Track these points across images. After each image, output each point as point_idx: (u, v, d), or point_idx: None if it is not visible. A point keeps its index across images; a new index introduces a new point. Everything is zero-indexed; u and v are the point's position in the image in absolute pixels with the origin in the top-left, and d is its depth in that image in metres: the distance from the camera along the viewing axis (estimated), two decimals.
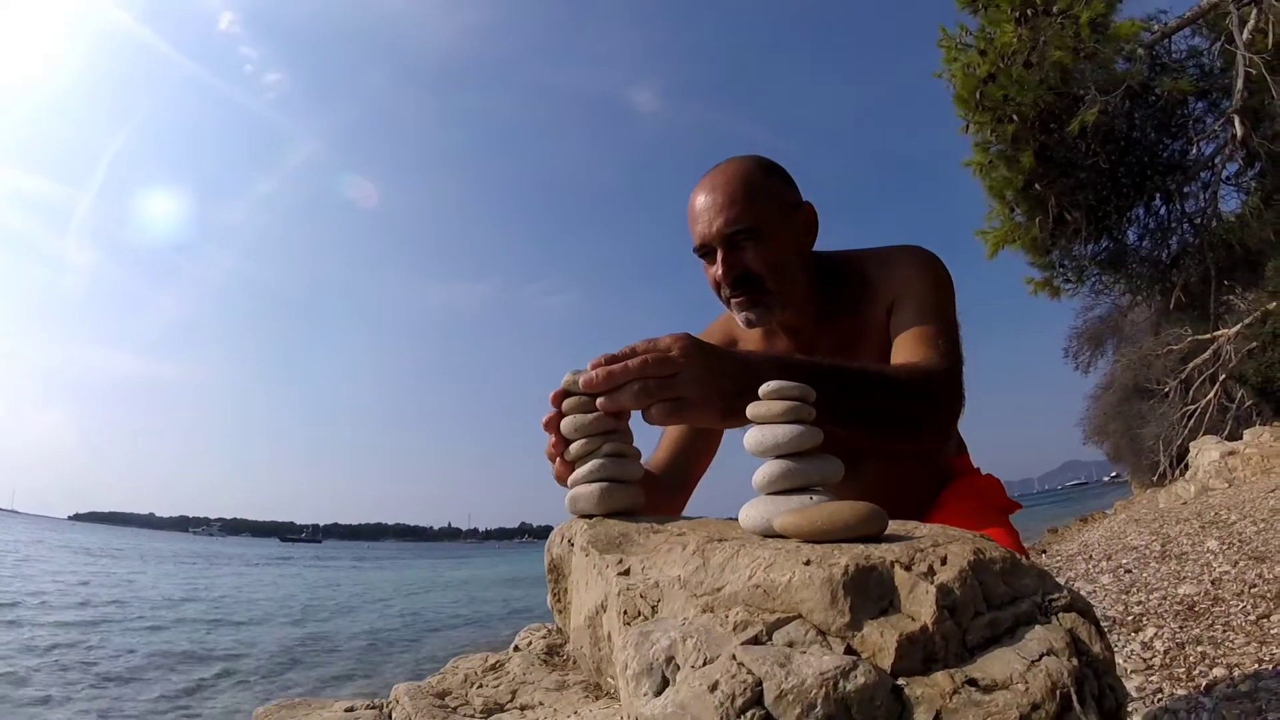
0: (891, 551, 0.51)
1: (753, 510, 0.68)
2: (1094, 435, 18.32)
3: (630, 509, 0.99)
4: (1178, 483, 10.37)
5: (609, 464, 0.99)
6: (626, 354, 0.93)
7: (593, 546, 0.76)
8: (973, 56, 5.14)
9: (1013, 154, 5.22)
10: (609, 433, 1.01)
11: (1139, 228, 6.40)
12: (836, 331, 1.36)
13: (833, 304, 1.37)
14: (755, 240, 1.28)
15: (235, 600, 16.86)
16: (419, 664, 8.16)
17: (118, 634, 9.64)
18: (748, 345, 1.46)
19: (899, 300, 1.29)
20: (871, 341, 1.32)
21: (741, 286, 1.30)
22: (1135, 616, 4.26)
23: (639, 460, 1.05)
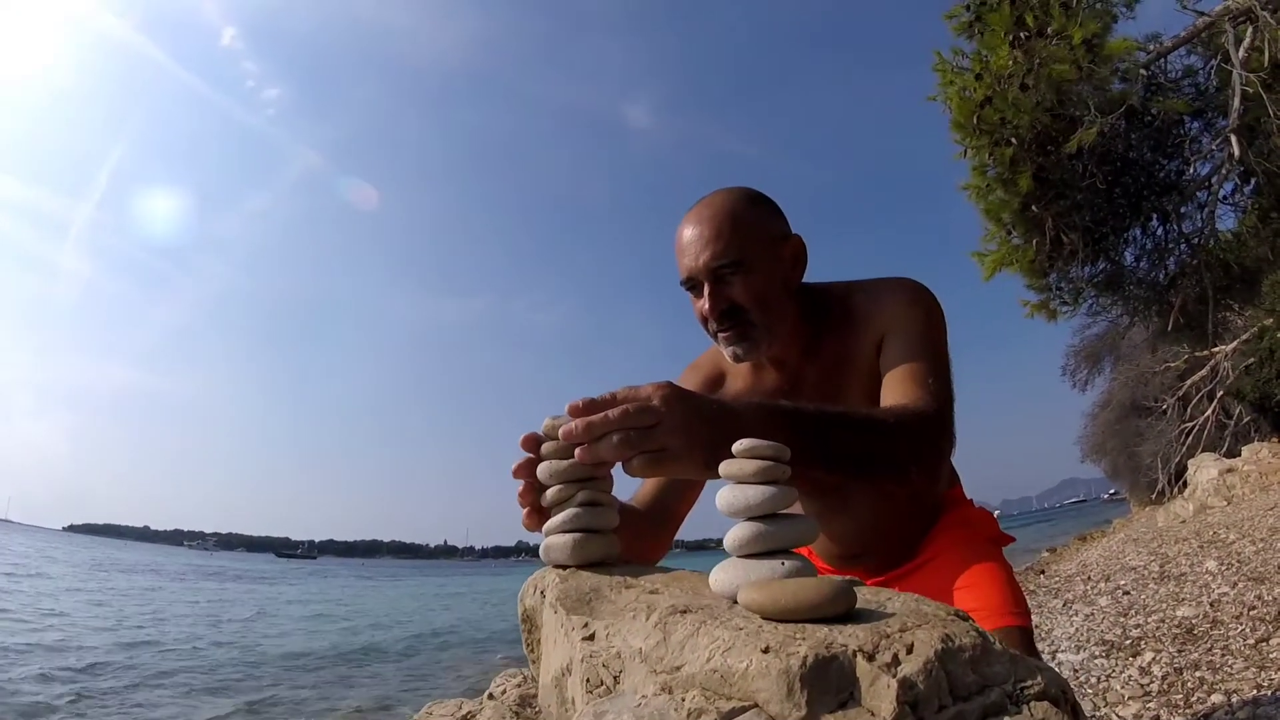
0: (855, 638, 0.50)
1: (723, 574, 0.67)
2: (1092, 453, 18.29)
3: (605, 559, 0.98)
4: (1176, 501, 10.37)
5: (584, 513, 0.98)
6: (607, 401, 0.90)
7: (560, 604, 0.75)
8: (968, 80, 5.15)
9: (1010, 177, 5.21)
10: (586, 480, 1.00)
11: (1136, 248, 6.39)
12: (823, 364, 1.36)
13: (820, 336, 1.37)
14: (741, 273, 1.28)
15: (301, 617, 16.66)
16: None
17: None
18: (735, 379, 1.47)
19: (889, 335, 1.29)
20: (859, 375, 1.31)
21: (728, 320, 1.30)
22: (1133, 640, 4.23)
23: (615, 508, 1.04)
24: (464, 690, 7.08)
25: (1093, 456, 18.49)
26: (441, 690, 7.29)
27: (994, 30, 5.00)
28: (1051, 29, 4.95)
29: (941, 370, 1.23)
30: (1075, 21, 4.91)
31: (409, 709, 6.29)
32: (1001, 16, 4.99)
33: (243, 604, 21.85)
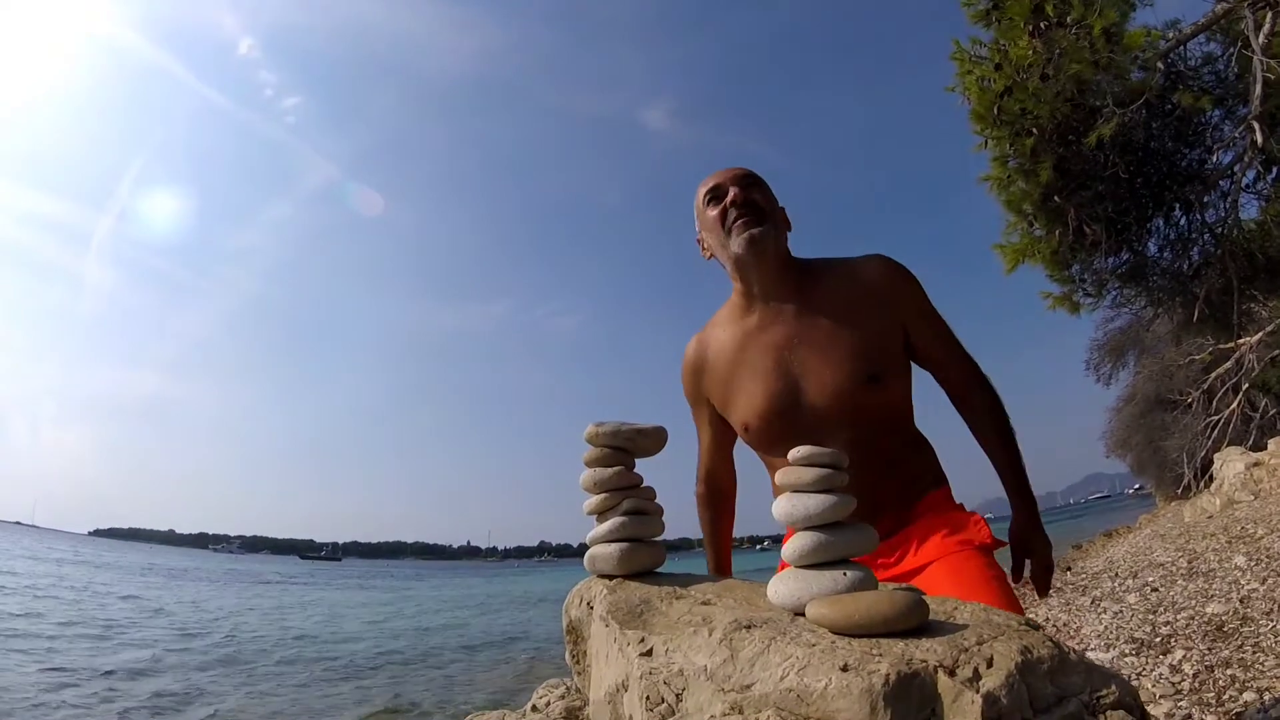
0: (934, 653, 0.48)
1: (783, 586, 0.64)
2: (1117, 448, 18.06)
3: (652, 567, 0.96)
4: (1203, 495, 10.23)
5: (630, 522, 0.97)
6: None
7: (612, 617, 0.73)
8: (987, 70, 5.09)
9: (1031, 168, 5.15)
10: (629, 488, 0.99)
11: (1159, 239, 6.30)
12: (803, 302, 1.56)
13: (802, 282, 1.58)
14: (758, 189, 1.60)
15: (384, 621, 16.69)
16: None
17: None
18: (722, 325, 1.67)
19: (913, 316, 1.56)
20: (836, 315, 1.53)
21: (748, 209, 1.56)
22: (1163, 638, 4.18)
23: (660, 516, 1.02)
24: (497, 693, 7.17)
25: (1117, 451, 18.26)
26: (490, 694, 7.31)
27: (1013, 19, 4.94)
28: (1071, 18, 4.88)
29: (952, 333, 1.62)
30: (1094, 11, 4.84)
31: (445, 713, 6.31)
32: (1020, 5, 4.92)
33: (314, 606, 22.00)
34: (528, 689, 5.66)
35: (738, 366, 1.59)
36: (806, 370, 1.50)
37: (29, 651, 8.71)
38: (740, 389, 1.58)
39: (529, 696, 5.06)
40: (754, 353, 1.57)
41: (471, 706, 5.62)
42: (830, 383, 1.47)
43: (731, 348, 1.61)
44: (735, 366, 1.59)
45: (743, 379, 1.57)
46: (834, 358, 1.48)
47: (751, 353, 1.57)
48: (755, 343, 1.57)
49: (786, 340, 1.53)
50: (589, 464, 1.03)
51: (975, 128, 5.15)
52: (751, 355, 1.57)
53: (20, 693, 6.58)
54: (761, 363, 1.55)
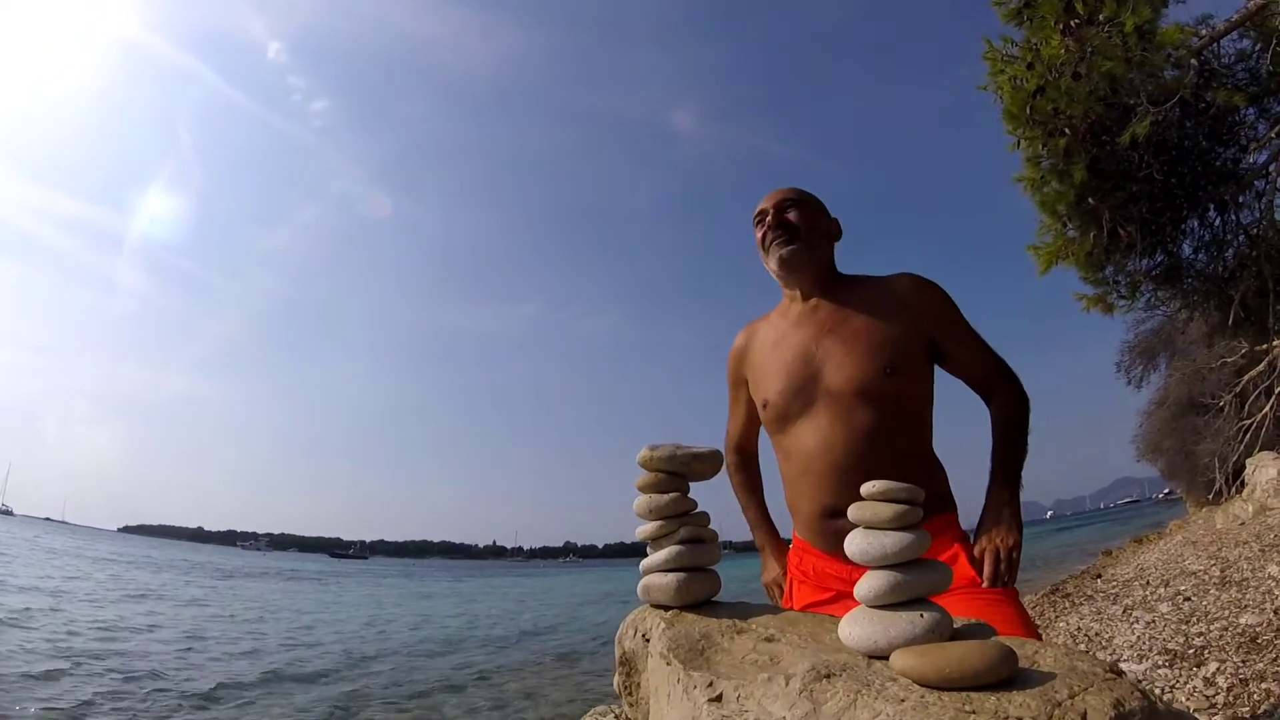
0: (1028, 708, 0.45)
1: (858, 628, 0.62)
2: (1148, 452, 17.76)
3: (708, 597, 0.94)
4: (1235, 502, 10.06)
5: (687, 551, 0.94)
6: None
7: (674, 655, 0.70)
8: (1019, 69, 5.02)
9: (1064, 168, 5.07)
10: (685, 514, 0.96)
11: (1194, 240, 6.19)
12: (839, 303, 1.73)
13: (842, 286, 1.78)
14: (798, 208, 1.79)
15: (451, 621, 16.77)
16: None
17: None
18: (768, 320, 1.89)
19: (942, 326, 1.69)
20: (866, 316, 1.68)
21: (781, 229, 1.78)
22: (1196, 650, 4.11)
23: (717, 543, 1.00)
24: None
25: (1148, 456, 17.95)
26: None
27: (1044, 18, 4.86)
28: (1103, 15, 4.80)
29: (980, 338, 1.73)
30: (1127, 8, 4.75)
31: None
32: (1051, 3, 4.85)
33: (395, 605, 22.40)
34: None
35: (771, 352, 1.79)
36: (829, 357, 1.66)
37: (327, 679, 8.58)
38: (767, 370, 1.78)
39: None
40: (786, 343, 1.76)
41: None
42: (849, 369, 1.62)
43: (770, 337, 1.83)
44: (769, 352, 1.80)
45: (771, 362, 1.77)
46: (855, 349, 1.64)
47: (784, 343, 1.76)
48: (789, 335, 1.76)
49: (816, 333, 1.71)
50: (643, 489, 1.00)
51: (1008, 128, 5.07)
52: (784, 344, 1.76)
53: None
54: (790, 350, 1.73)
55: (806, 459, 1.65)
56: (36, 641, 8.46)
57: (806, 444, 1.65)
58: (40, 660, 7.44)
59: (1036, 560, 3.81)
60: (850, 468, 1.57)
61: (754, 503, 2.03)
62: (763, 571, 1.96)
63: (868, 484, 0.70)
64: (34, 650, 7.88)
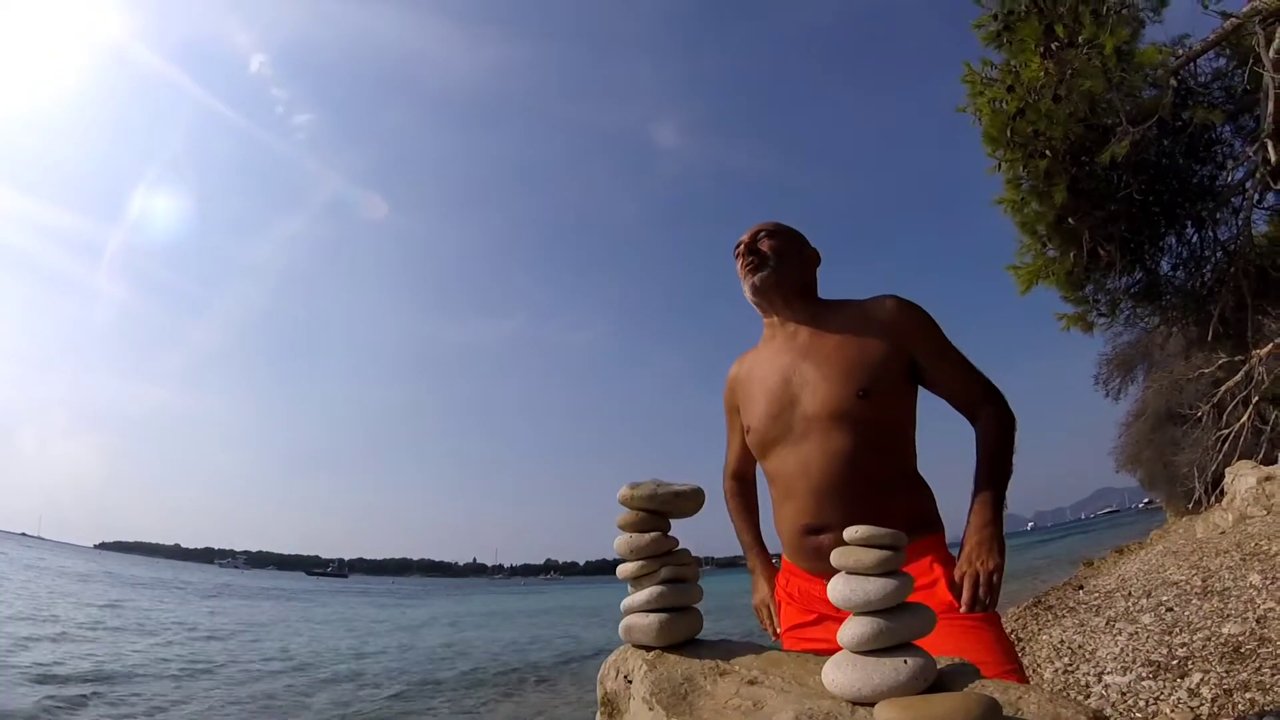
0: None
1: (842, 675, 0.65)
2: (1127, 463, 17.90)
3: (690, 637, 0.96)
4: (1215, 511, 10.18)
5: (669, 592, 0.96)
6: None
7: (656, 700, 0.73)
8: (999, 92, 5.10)
9: (1045, 189, 5.15)
10: (667, 554, 0.98)
11: (1172, 257, 6.28)
12: (819, 328, 1.77)
13: (821, 313, 1.81)
14: (770, 238, 1.85)
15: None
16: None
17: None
18: (756, 351, 1.92)
19: (923, 347, 1.70)
20: (846, 339, 1.71)
21: (751, 255, 1.83)
22: (1180, 660, 4.16)
23: (698, 581, 1.03)
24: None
25: (1128, 466, 18.12)
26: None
27: (1024, 40, 4.94)
28: (1082, 38, 4.89)
29: (964, 358, 1.73)
30: (1106, 29, 4.84)
31: None
32: (1031, 27, 4.93)
33: (383, 623, 22.20)
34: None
35: (755, 380, 1.84)
36: (805, 383, 1.70)
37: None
38: (751, 398, 1.83)
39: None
40: (768, 369, 1.80)
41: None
42: (824, 393, 1.66)
43: (755, 366, 1.87)
44: (753, 381, 1.84)
45: (755, 390, 1.82)
46: (830, 373, 1.67)
47: (766, 369, 1.81)
48: (771, 362, 1.81)
49: (794, 359, 1.76)
50: (624, 527, 1.02)
51: (988, 150, 5.15)
52: (766, 371, 1.81)
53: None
54: (771, 377, 1.78)
55: (787, 482, 1.69)
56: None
57: (786, 468, 1.70)
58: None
59: (1019, 571, 3.85)
60: (826, 490, 1.61)
61: (748, 527, 2.06)
62: (753, 593, 1.99)
63: (850, 529, 0.72)
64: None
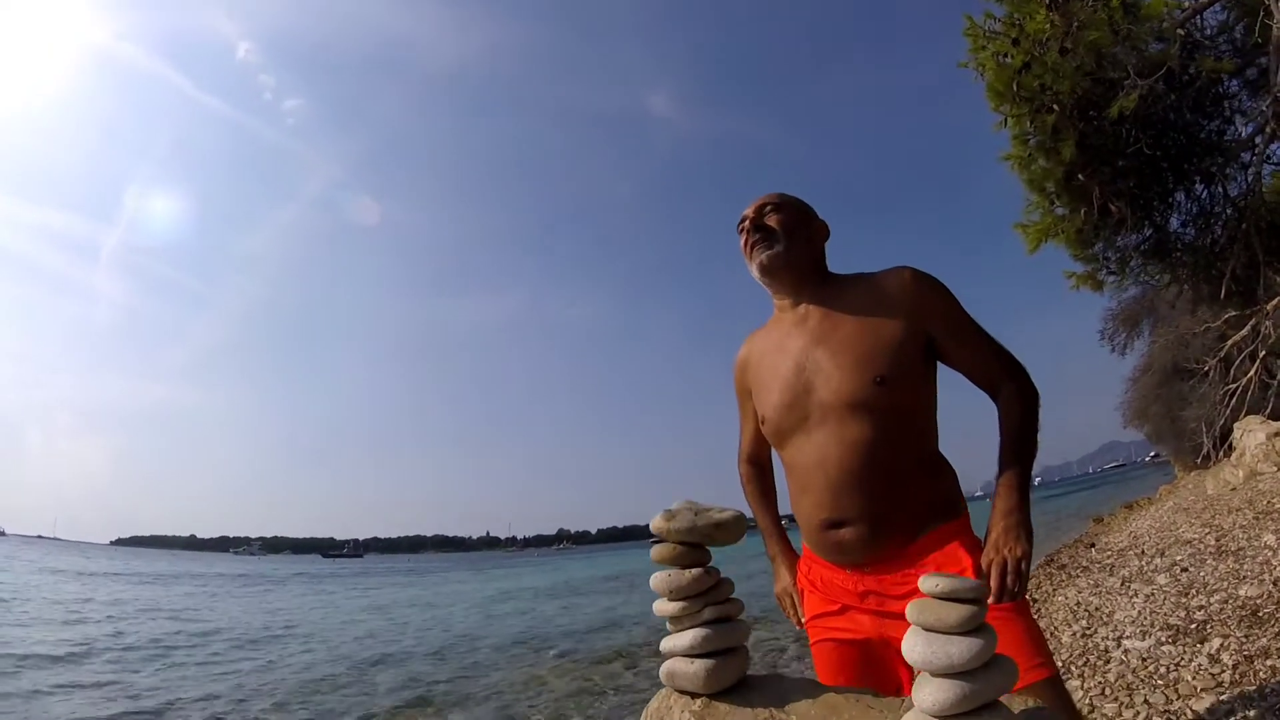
0: None
1: None
2: (1135, 418, 17.90)
3: (738, 678, 0.89)
4: (1225, 467, 10.14)
5: (714, 635, 0.88)
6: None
7: None
8: (1004, 45, 4.97)
9: (1052, 145, 5.02)
10: (708, 591, 0.90)
11: (1181, 214, 6.18)
12: (831, 304, 1.69)
13: (832, 288, 1.73)
14: (777, 212, 1.76)
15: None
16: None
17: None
18: (766, 329, 1.84)
19: (942, 323, 1.62)
20: (860, 315, 1.64)
21: (758, 231, 1.75)
22: (1199, 624, 4.12)
23: (743, 614, 0.95)
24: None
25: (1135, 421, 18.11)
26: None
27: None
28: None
29: (983, 332, 1.65)
30: None
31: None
32: None
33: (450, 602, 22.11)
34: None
35: (765, 366, 1.76)
36: (819, 370, 1.62)
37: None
38: (764, 385, 1.74)
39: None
40: (779, 355, 1.72)
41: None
42: (839, 381, 1.58)
43: (765, 350, 1.79)
44: (764, 366, 1.77)
45: (766, 377, 1.74)
46: (845, 360, 1.59)
47: (777, 355, 1.73)
48: (782, 346, 1.72)
49: (806, 344, 1.67)
50: (660, 561, 0.95)
51: (993, 105, 5.03)
52: (776, 357, 1.72)
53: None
54: (784, 363, 1.69)
55: (804, 473, 1.63)
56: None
57: (803, 458, 1.64)
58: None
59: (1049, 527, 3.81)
60: (844, 482, 1.56)
61: (766, 513, 2.01)
62: (775, 582, 1.94)
63: (927, 579, 0.65)
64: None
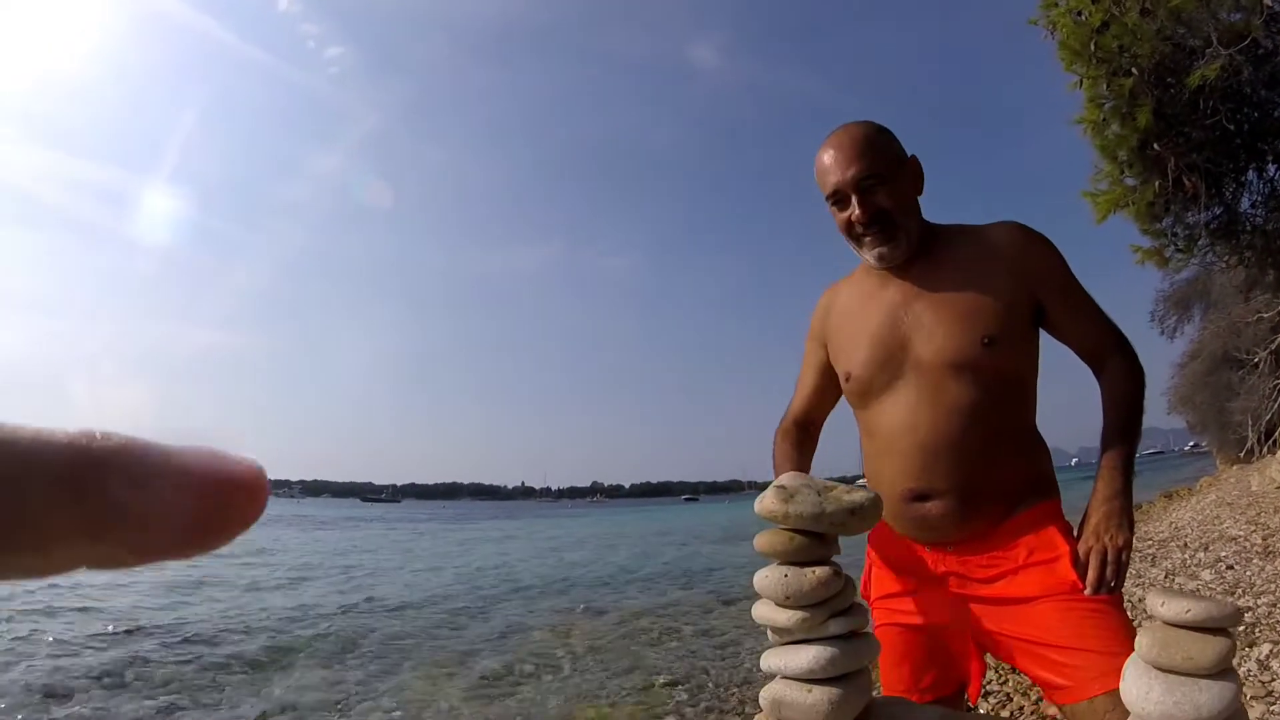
0: None
1: None
2: (1179, 405, 17.50)
3: (862, 708, 0.71)
4: (1272, 464, 9.81)
5: (842, 654, 0.70)
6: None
7: None
8: (1082, 2, 4.66)
9: (1128, 110, 4.72)
10: (832, 599, 0.72)
11: (1252, 194, 5.86)
12: (932, 269, 1.50)
13: (931, 249, 1.52)
14: (884, 185, 1.46)
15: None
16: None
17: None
18: (850, 286, 1.64)
19: (1052, 286, 1.46)
20: (966, 283, 1.46)
21: (876, 224, 1.46)
22: (1247, 626, 3.94)
23: (870, 626, 0.77)
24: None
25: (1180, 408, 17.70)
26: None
27: None
28: None
29: (1093, 301, 1.50)
30: None
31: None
32: None
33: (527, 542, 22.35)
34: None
35: (854, 317, 1.58)
36: (919, 325, 1.46)
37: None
38: (850, 338, 1.58)
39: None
40: (872, 307, 1.54)
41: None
42: (942, 339, 1.43)
43: (854, 300, 1.61)
44: (852, 317, 1.59)
45: (855, 329, 1.57)
46: (949, 315, 1.44)
47: (870, 307, 1.55)
48: (875, 299, 1.55)
49: (905, 297, 1.50)
50: (768, 554, 0.75)
51: (1066, 64, 4.73)
52: (869, 309, 1.55)
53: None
54: (876, 316, 1.52)
55: (890, 437, 1.46)
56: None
57: (890, 421, 1.47)
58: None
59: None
60: (937, 448, 1.40)
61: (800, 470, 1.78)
62: None
63: (1170, 601, 0.49)
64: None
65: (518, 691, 4.94)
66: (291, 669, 5.47)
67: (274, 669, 5.53)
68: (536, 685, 5.06)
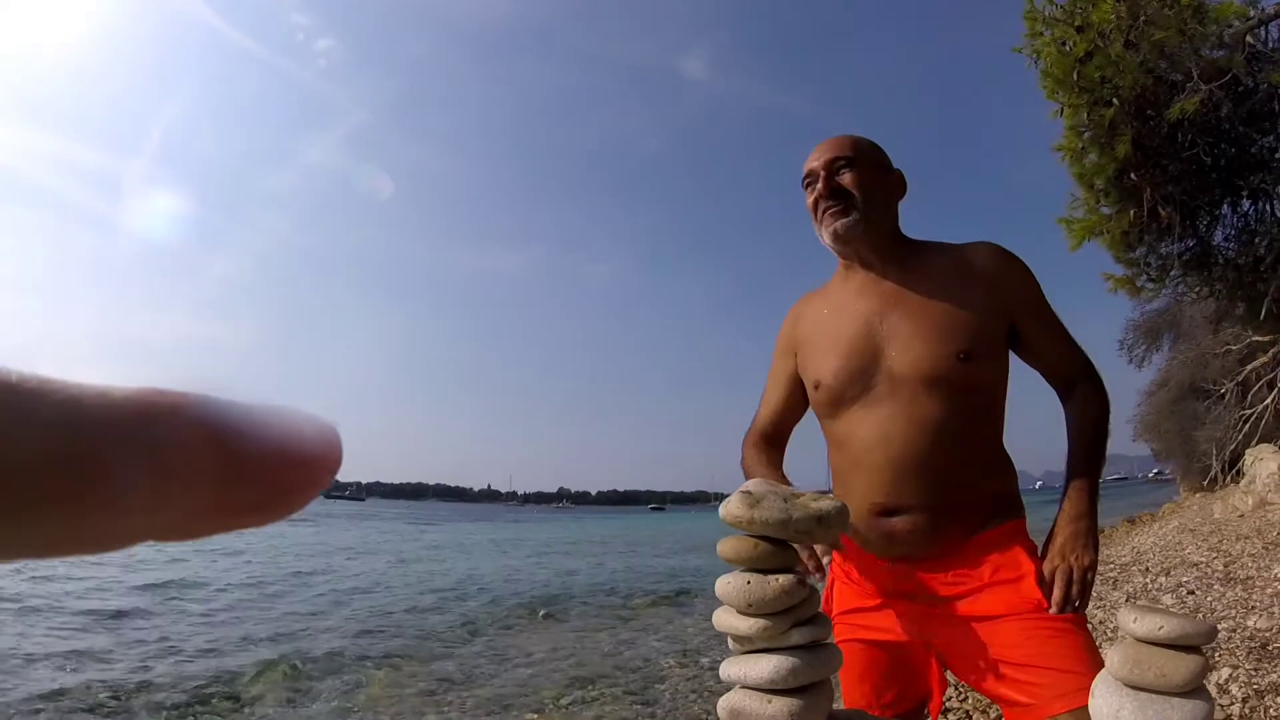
0: None
1: None
2: (1145, 432, 17.75)
3: (824, 717, 0.71)
4: (1234, 493, 9.99)
5: (804, 664, 0.69)
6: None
7: None
8: (1066, 31, 4.73)
9: (1107, 140, 4.80)
10: (797, 606, 0.71)
11: (1225, 227, 5.98)
12: (907, 276, 1.50)
13: (909, 257, 1.52)
14: (852, 169, 1.49)
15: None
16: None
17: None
18: (826, 292, 1.63)
19: (1024, 307, 1.47)
20: (938, 292, 1.45)
21: (834, 198, 1.49)
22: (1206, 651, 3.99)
23: (833, 636, 0.77)
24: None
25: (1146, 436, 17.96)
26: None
27: None
28: None
29: (1064, 326, 1.51)
30: None
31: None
32: None
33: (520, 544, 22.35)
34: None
35: (827, 326, 1.56)
36: (894, 337, 1.45)
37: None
38: (821, 346, 1.55)
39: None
40: (844, 317, 1.53)
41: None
42: (919, 350, 1.41)
43: (827, 309, 1.59)
44: (824, 325, 1.57)
45: (827, 338, 1.54)
46: (925, 327, 1.42)
47: (842, 316, 1.53)
48: (847, 308, 1.53)
49: (879, 308, 1.49)
50: (732, 560, 0.74)
51: (1048, 93, 4.80)
52: (843, 318, 1.53)
53: None
54: (850, 325, 1.50)
55: (860, 450, 1.44)
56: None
57: (861, 434, 1.45)
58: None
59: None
60: (908, 464, 1.39)
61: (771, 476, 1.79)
62: None
63: (1142, 617, 0.50)
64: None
65: (473, 695, 4.92)
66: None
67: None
68: (492, 692, 5.04)
